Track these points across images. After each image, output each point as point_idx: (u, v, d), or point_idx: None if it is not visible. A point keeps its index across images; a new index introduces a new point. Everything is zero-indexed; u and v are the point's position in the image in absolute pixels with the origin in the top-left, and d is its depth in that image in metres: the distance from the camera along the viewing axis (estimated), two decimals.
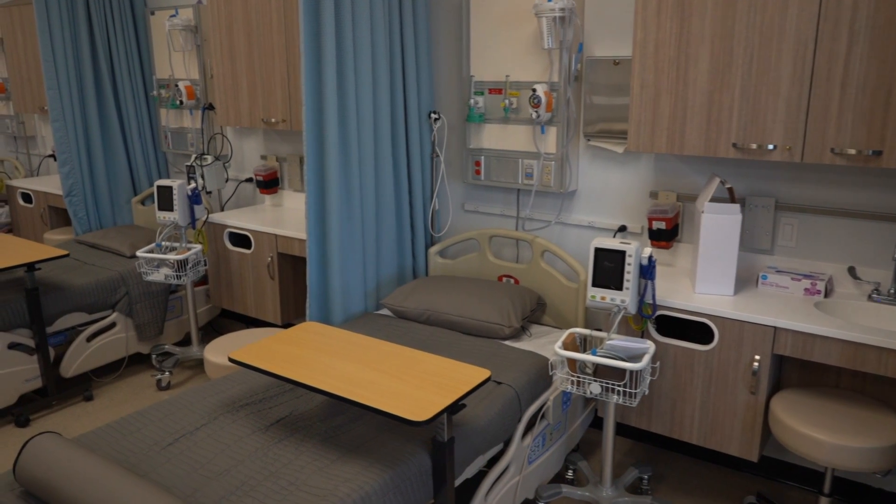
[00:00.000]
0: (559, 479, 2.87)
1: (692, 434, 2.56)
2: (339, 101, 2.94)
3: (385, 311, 3.24)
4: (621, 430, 3.26)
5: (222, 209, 4.55)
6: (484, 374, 2.07)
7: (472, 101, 3.19)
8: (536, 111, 2.94)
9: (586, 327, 3.14)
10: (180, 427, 2.18)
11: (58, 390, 3.65)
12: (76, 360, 3.68)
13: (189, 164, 4.07)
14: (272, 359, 2.18)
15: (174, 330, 4.14)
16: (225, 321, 4.74)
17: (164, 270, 3.67)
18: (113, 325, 3.83)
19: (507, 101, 3.10)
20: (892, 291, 2.46)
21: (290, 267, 3.79)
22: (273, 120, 3.76)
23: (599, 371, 2.42)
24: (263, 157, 4.30)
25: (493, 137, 3.21)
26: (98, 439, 2.15)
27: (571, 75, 2.95)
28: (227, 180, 4.41)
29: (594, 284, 2.42)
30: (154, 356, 3.99)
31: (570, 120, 3.00)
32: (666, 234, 2.87)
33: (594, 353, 2.35)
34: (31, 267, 3.35)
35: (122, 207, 4.74)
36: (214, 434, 2.14)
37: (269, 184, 4.20)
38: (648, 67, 2.57)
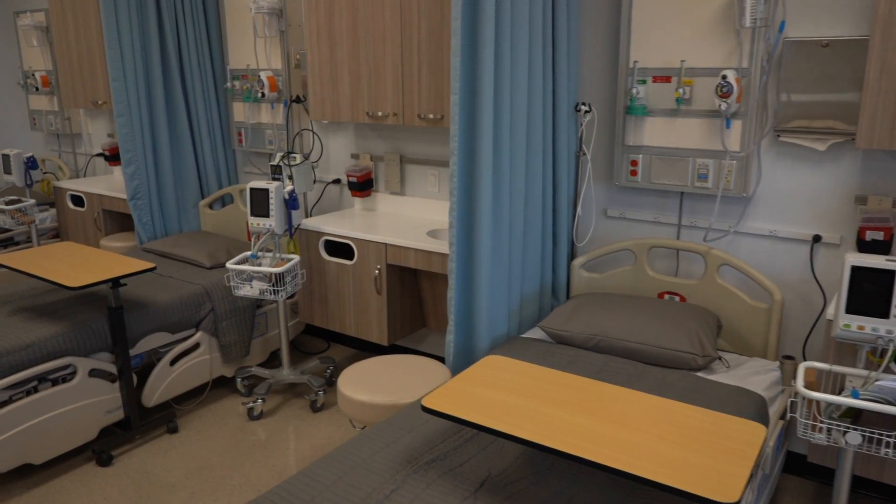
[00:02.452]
0: None
1: None
2: (496, 94, 2.49)
3: (534, 335, 2.79)
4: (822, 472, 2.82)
5: (309, 214, 4.10)
6: (760, 431, 1.64)
7: (634, 90, 2.75)
8: (725, 101, 2.50)
9: (779, 354, 2.70)
10: (366, 495, 1.74)
11: (139, 421, 3.20)
12: (159, 387, 3.23)
13: (275, 163, 3.63)
14: (479, 408, 1.74)
15: (258, 349, 3.70)
16: (305, 338, 4.30)
17: (259, 284, 3.22)
18: (197, 345, 3.39)
19: (681, 91, 2.66)
20: None
21: (398, 280, 3.35)
22: (380, 114, 3.31)
23: (863, 417, 1.98)
24: (355, 156, 3.85)
25: (658, 133, 2.77)
26: None
27: (767, 59, 2.51)
28: (314, 182, 3.97)
29: (849, 311, 1.98)
30: (239, 380, 3.55)
31: (758, 112, 2.56)
32: (882, 247, 2.43)
33: (856, 396, 1.91)
34: (115, 283, 2.91)
35: (188, 212, 4.29)
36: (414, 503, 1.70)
37: (364, 186, 3.75)
38: (892, 48, 2.13)
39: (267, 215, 3.23)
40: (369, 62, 3.28)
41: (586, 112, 2.90)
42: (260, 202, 3.23)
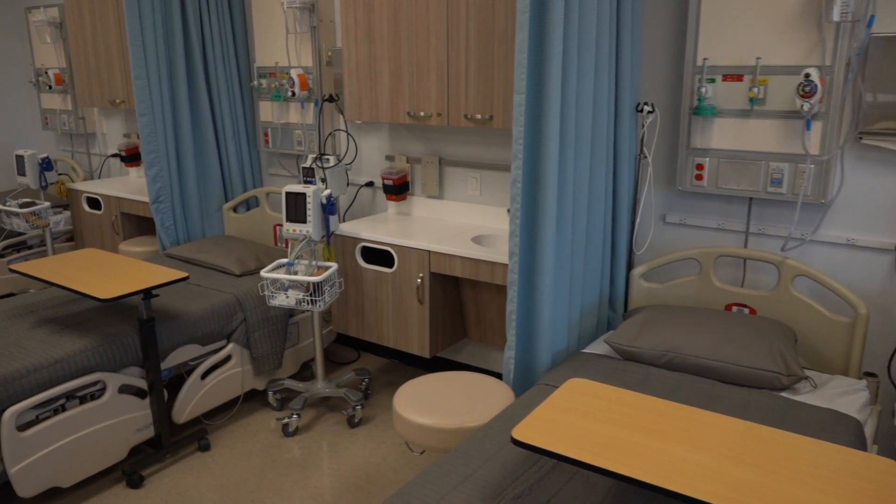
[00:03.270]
0: None
1: None
2: (563, 93, 2.32)
3: (595, 349, 2.62)
4: None
5: (342, 219, 3.93)
6: (892, 469, 1.47)
7: (703, 89, 2.58)
8: (808, 102, 2.34)
9: (863, 370, 2.53)
10: None
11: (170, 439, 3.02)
12: (190, 402, 3.06)
13: (307, 165, 3.45)
14: (573, 441, 1.57)
15: (289, 361, 3.52)
16: (334, 347, 4.12)
17: (295, 294, 3.05)
18: (228, 358, 3.21)
19: (755, 90, 2.49)
20: None
21: (440, 289, 3.18)
22: (422, 114, 3.14)
23: None
24: (389, 158, 3.68)
25: (727, 134, 2.61)
26: None
27: (854, 57, 2.34)
28: (347, 185, 3.80)
29: None
30: (271, 393, 3.38)
31: (840, 113, 2.40)
32: None
33: None
34: (147, 294, 2.73)
35: (211, 215, 4.12)
36: None
37: (400, 189, 3.58)
38: None
39: (304, 221, 3.06)
40: (411, 60, 3.11)
41: (649, 112, 2.73)
42: (296, 207, 3.06)
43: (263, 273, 3.03)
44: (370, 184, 3.78)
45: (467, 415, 2.20)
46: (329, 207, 3.09)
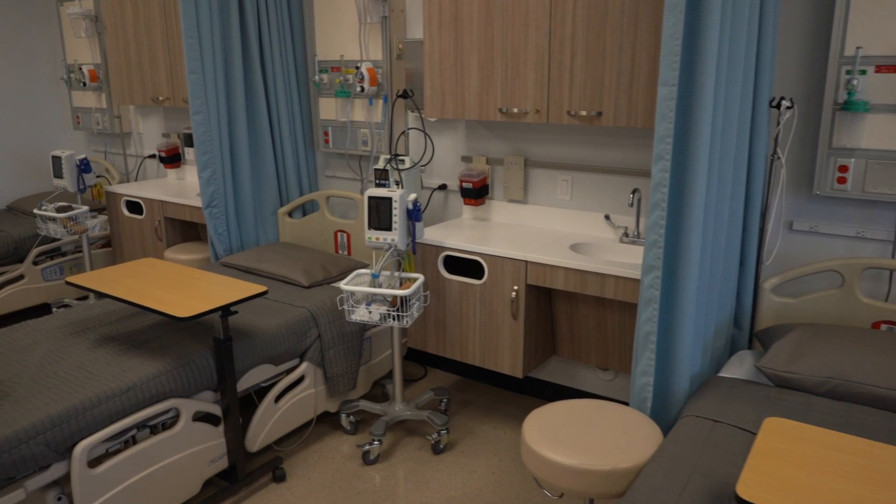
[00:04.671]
0: None
1: None
2: (716, 88, 2.05)
3: (730, 373, 2.34)
4: None
5: None
6: None
7: (854, 82, 2.30)
8: None
9: None
10: None
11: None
12: (264, 429, 2.78)
13: (380, 167, 3.18)
14: (813, 501, 1.29)
15: (361, 380, 3.24)
16: None
17: (379, 308, 2.77)
18: (301, 378, 2.93)
19: None
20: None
21: (534, 302, 2.90)
22: (516, 110, 2.86)
23: None
24: (466, 159, 3.40)
25: (880, 133, 2.33)
26: None
27: None
28: (421, 188, 3.52)
29: None
30: (344, 415, 3.09)
31: None
32: None
33: None
34: (226, 311, 2.45)
35: (265, 220, 3.83)
36: None
37: (480, 192, 3.30)
38: None
39: (389, 228, 2.78)
40: (506, 51, 2.83)
41: (787, 108, 2.45)
42: (381, 213, 2.78)
43: (344, 286, 2.75)
44: (443, 187, 3.50)
45: (618, 454, 1.92)
46: (415, 213, 2.81)
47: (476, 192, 3.29)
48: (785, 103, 2.42)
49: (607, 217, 3.03)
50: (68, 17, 4.72)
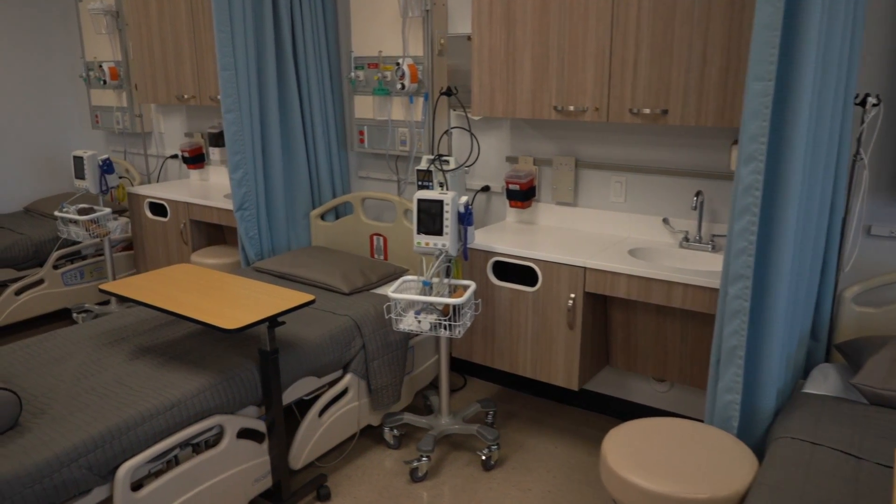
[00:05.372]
0: None
1: None
2: (814, 83, 1.89)
3: (818, 390, 2.18)
4: None
5: None
6: None
7: None
8: None
9: None
10: None
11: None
12: (307, 444, 2.63)
13: (423, 168, 3.03)
14: None
15: (404, 391, 3.09)
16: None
17: (429, 317, 2.62)
18: (345, 391, 2.78)
19: None
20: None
21: (590, 311, 2.75)
22: (572, 108, 2.71)
23: None
24: (511, 160, 3.24)
25: None
26: None
27: None
28: (465, 190, 3.36)
29: None
30: (387, 429, 2.94)
31: None
32: None
33: None
34: (273, 321, 2.30)
35: (297, 223, 3.68)
36: None
37: (527, 195, 3.15)
38: None
39: (440, 233, 2.63)
40: (562, 45, 2.67)
41: (874, 105, 2.29)
42: (431, 216, 2.63)
43: (393, 293, 2.60)
44: (486, 188, 3.35)
45: (714, 481, 1.77)
46: (467, 217, 2.66)
47: (523, 195, 3.13)
48: (871, 100, 2.27)
49: (665, 221, 2.88)
50: (89, 13, 4.57)
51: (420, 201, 2.63)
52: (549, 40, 2.70)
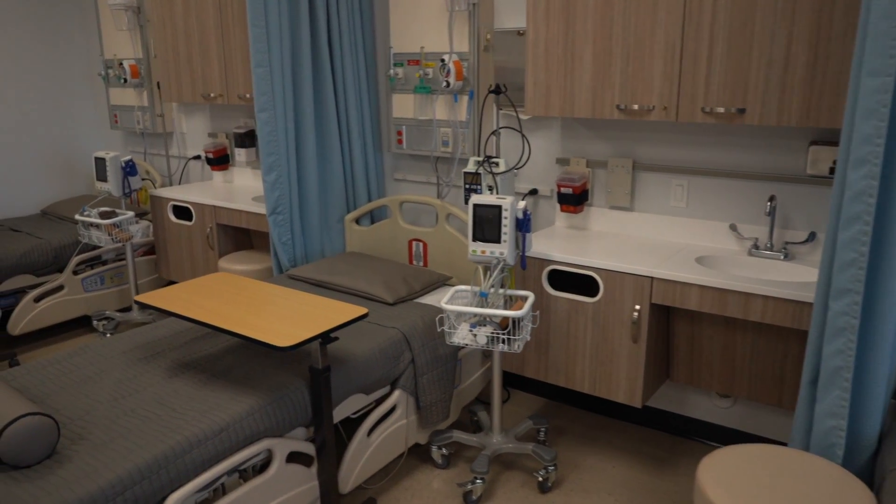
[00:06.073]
0: None
1: None
2: None
3: None
4: None
5: None
6: None
7: None
8: None
9: None
10: None
11: None
12: (356, 466, 2.46)
13: (471, 171, 2.86)
14: None
15: (451, 407, 2.91)
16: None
17: (484, 330, 2.45)
18: (392, 409, 2.61)
19: None
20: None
21: (654, 323, 2.57)
22: (636, 107, 2.53)
23: None
24: (562, 162, 3.07)
25: None
26: None
27: None
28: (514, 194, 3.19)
29: None
30: (435, 448, 2.77)
31: None
32: None
33: None
34: (326, 338, 2.13)
35: (331, 228, 3.52)
36: None
37: (580, 199, 2.98)
38: None
39: (497, 241, 2.46)
40: (627, 40, 2.50)
41: None
42: (488, 223, 2.46)
43: (447, 305, 2.43)
44: (534, 192, 3.18)
45: None
46: (525, 223, 2.49)
47: (576, 199, 2.96)
48: None
49: (733, 227, 2.70)
50: (110, 9, 4.40)
51: (476, 206, 2.46)
52: (613, 34, 2.53)
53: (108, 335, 3.94)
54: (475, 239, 2.49)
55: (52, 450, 1.83)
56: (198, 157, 4.49)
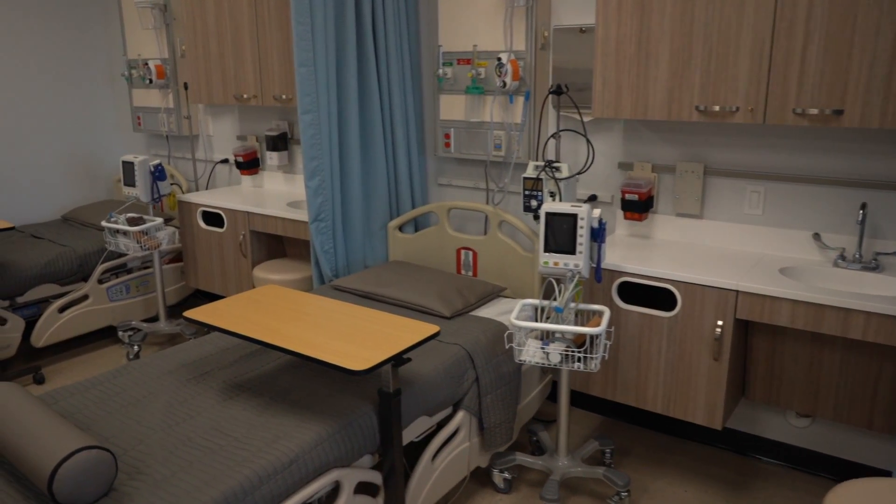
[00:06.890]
0: None
1: None
2: None
3: None
4: None
5: None
6: None
7: None
8: None
9: None
10: None
11: None
12: (421, 493, 2.29)
13: (531, 176, 2.69)
14: None
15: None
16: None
17: (557, 346, 2.28)
18: (456, 431, 2.44)
19: None
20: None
21: (736, 339, 2.40)
22: (717, 108, 2.37)
23: None
24: (625, 166, 2.91)
25: None
26: None
27: None
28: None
29: None
30: (497, 471, 2.60)
31: None
32: None
33: None
34: (399, 360, 1.96)
35: (374, 235, 3.35)
36: None
37: (645, 205, 2.81)
38: None
39: (572, 252, 2.29)
40: (709, 36, 2.33)
41: None
42: (562, 233, 2.29)
43: (516, 321, 2.26)
44: (593, 198, 3.01)
45: None
46: (600, 233, 2.32)
47: (641, 206, 2.80)
48: None
49: (816, 236, 2.53)
50: (135, 7, 4.23)
51: (549, 215, 2.29)
52: (694, 30, 2.36)
53: (136, 347, 3.77)
54: (547, 250, 2.32)
55: (108, 487, 1.66)
56: (225, 161, 4.32)
